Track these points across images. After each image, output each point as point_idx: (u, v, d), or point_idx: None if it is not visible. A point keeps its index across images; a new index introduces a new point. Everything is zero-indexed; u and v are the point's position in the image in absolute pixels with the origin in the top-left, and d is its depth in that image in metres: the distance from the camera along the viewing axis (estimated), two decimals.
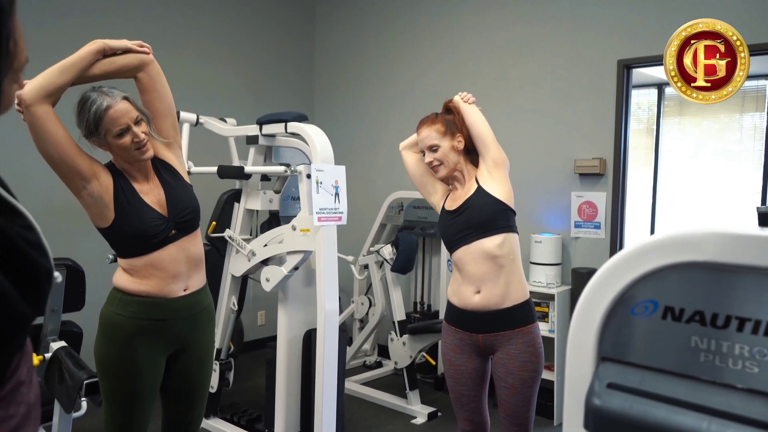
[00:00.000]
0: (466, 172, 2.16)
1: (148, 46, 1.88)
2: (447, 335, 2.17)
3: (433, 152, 2.14)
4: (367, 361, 4.55)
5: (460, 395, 2.15)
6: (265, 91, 4.88)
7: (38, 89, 1.67)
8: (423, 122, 2.20)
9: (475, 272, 2.04)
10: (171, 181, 1.94)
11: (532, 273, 3.67)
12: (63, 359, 2.29)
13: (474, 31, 4.24)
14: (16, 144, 3.53)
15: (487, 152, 2.11)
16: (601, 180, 3.66)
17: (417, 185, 2.32)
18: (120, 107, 1.78)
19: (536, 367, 2.06)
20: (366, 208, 4.69)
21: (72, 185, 1.80)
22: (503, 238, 2.04)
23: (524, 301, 2.07)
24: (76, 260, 2.61)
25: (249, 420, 3.31)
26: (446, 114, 2.19)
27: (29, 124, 1.68)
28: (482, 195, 2.07)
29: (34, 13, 3.60)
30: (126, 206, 1.83)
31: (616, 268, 0.79)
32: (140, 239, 1.83)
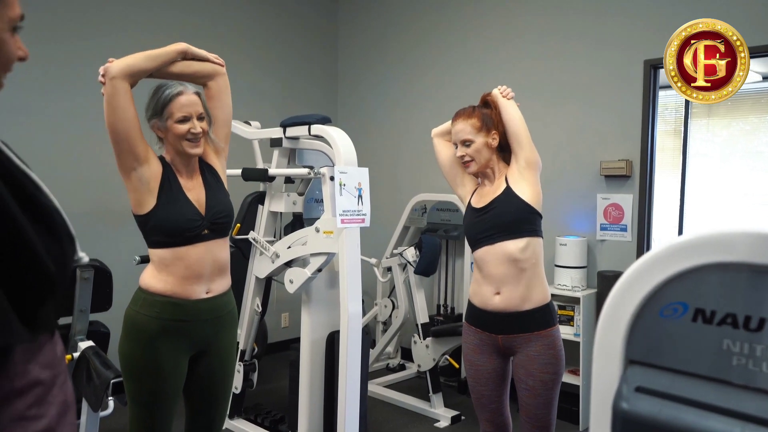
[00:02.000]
0: (496, 170, 2.13)
1: (222, 61, 2.03)
2: (467, 335, 2.16)
3: (465, 147, 2.10)
4: (390, 364, 4.54)
5: (480, 395, 2.14)
6: (289, 94, 4.91)
7: (124, 67, 1.80)
8: (459, 115, 2.14)
9: (495, 273, 2.03)
10: (213, 184, 1.99)
11: (557, 276, 3.63)
12: (91, 359, 2.33)
13: (499, 32, 4.22)
14: (47, 151, 3.61)
15: (521, 151, 2.07)
16: (627, 182, 3.61)
17: (445, 175, 2.29)
18: (190, 98, 1.89)
19: (556, 370, 2.03)
20: (389, 210, 4.68)
21: (125, 164, 1.84)
22: (527, 242, 2.02)
23: (545, 304, 2.04)
24: (104, 262, 2.65)
25: (272, 421, 3.33)
26: (483, 108, 2.14)
27: (107, 95, 1.78)
28: (510, 196, 2.04)
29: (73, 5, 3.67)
30: (168, 196, 1.88)
31: (644, 269, 0.78)
32: (174, 231, 1.86)
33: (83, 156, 3.76)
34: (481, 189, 2.17)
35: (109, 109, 1.79)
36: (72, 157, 3.71)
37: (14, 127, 3.46)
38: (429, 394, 3.69)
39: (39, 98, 3.58)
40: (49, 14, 3.61)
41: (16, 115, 3.46)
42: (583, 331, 3.44)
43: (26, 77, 3.51)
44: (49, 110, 3.62)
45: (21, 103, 3.48)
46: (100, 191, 3.82)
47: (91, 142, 3.79)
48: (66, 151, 3.70)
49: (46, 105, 3.61)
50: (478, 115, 2.10)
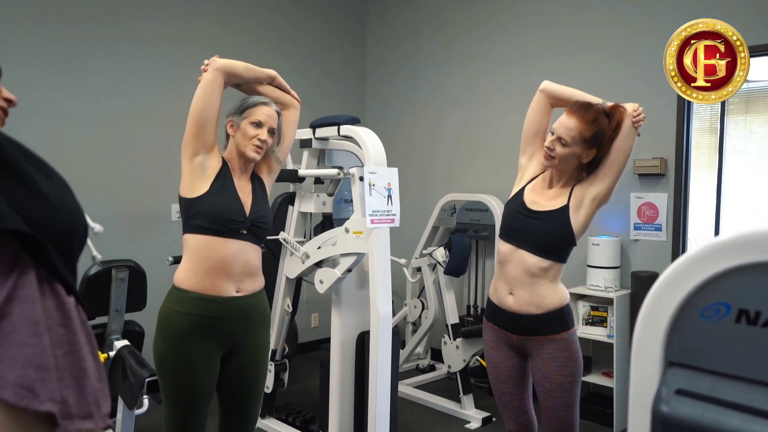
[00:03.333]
0: (566, 177, 2.02)
1: (299, 99, 2.28)
2: (486, 332, 2.16)
3: (558, 143, 1.93)
4: (420, 365, 4.53)
5: (501, 393, 2.13)
6: (318, 95, 4.93)
7: (227, 64, 2.01)
8: (577, 111, 1.93)
9: (511, 273, 2.02)
10: (260, 194, 2.09)
11: (590, 276, 3.57)
12: (126, 358, 2.37)
13: (529, 29, 4.18)
14: (83, 155, 3.69)
15: (603, 182, 1.96)
16: (662, 180, 3.53)
17: (523, 137, 2.15)
18: (271, 111, 2.05)
19: (573, 372, 2.00)
20: (418, 210, 4.67)
21: (192, 147, 1.95)
22: (550, 265, 1.99)
23: (559, 308, 2.00)
24: (138, 262, 2.70)
25: (303, 421, 3.35)
26: (604, 117, 1.93)
27: (207, 81, 1.96)
28: (562, 219, 1.97)
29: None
30: (221, 187, 1.97)
31: (684, 268, 0.76)
32: (218, 219, 1.91)
33: (118, 160, 3.84)
34: (542, 185, 2.06)
35: (202, 93, 1.95)
36: (107, 162, 3.79)
37: (51, 131, 3.54)
38: (459, 395, 3.67)
39: (75, 102, 3.66)
40: (91, 20, 3.69)
41: (52, 119, 3.55)
42: (617, 332, 3.38)
43: (61, 81, 3.60)
44: (85, 114, 3.70)
45: (56, 108, 3.57)
46: (134, 194, 3.89)
47: (125, 147, 3.87)
48: (101, 155, 3.77)
49: (83, 109, 3.69)
50: (595, 127, 1.90)
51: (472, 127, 4.53)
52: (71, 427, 0.76)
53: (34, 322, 0.73)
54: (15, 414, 0.68)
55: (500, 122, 4.33)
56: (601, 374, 3.59)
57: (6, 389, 0.67)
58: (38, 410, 0.69)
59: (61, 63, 3.59)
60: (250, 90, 2.14)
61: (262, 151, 2.03)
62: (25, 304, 0.73)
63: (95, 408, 0.80)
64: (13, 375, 0.68)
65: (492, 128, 4.40)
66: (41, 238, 0.74)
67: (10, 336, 0.70)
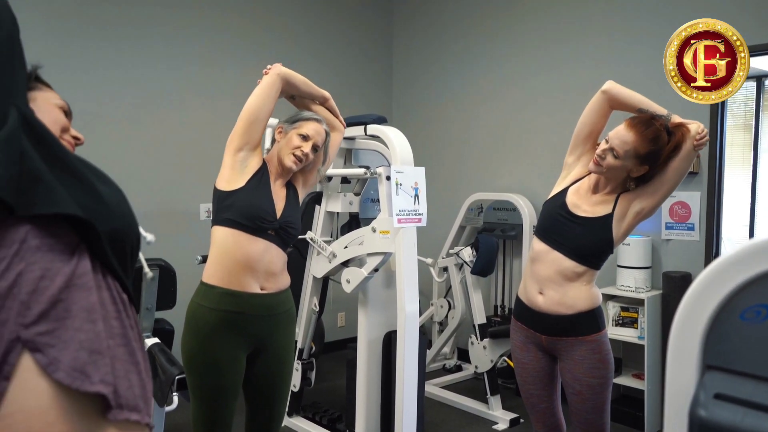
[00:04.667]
0: (611, 187, 1.96)
1: (345, 124, 2.39)
2: (514, 331, 2.13)
3: (610, 154, 1.85)
4: (447, 365, 4.51)
5: (529, 395, 2.11)
6: (344, 95, 4.93)
7: (288, 73, 2.10)
8: (638, 126, 1.83)
9: (543, 273, 1.99)
10: (293, 201, 2.14)
11: (620, 277, 3.52)
12: (157, 355, 2.40)
13: (560, 28, 4.13)
14: (113, 156, 3.75)
15: (652, 200, 1.91)
16: (694, 179, 3.46)
17: (575, 135, 2.06)
18: (320, 129, 2.13)
19: (604, 374, 1.97)
20: (445, 209, 4.65)
21: (238, 142, 2.02)
22: (585, 270, 1.96)
23: (590, 309, 1.97)
24: (168, 261, 2.73)
25: (330, 420, 3.36)
26: (665, 135, 1.84)
27: (267, 83, 2.04)
28: (604, 228, 1.93)
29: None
30: (257, 185, 2.02)
31: (722, 270, 0.74)
32: (249, 214, 1.94)
33: (148, 160, 3.90)
34: (587, 189, 2.00)
35: (261, 93, 2.03)
36: (137, 162, 3.85)
37: (81, 129, 3.61)
38: (487, 395, 3.65)
39: (105, 103, 3.72)
40: (122, 21, 3.75)
41: (82, 120, 3.61)
42: (648, 333, 3.32)
43: (91, 82, 3.66)
44: (115, 115, 3.77)
45: (86, 109, 3.63)
46: (164, 194, 3.95)
47: (155, 147, 3.93)
48: (131, 155, 3.83)
49: (113, 110, 3.75)
50: (653, 146, 1.82)
51: (499, 126, 4.50)
52: (120, 416, 0.78)
53: (89, 309, 0.75)
54: (68, 395, 0.70)
55: (529, 121, 4.28)
56: (631, 376, 3.53)
57: (60, 371, 0.69)
58: (89, 391, 0.70)
59: (91, 65, 3.66)
60: (302, 105, 2.24)
61: (301, 164, 2.09)
62: (81, 291, 0.74)
63: (142, 402, 0.82)
64: (67, 358, 0.70)
65: (520, 128, 4.36)
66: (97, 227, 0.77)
67: (65, 321, 0.72)
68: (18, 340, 0.70)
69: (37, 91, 0.84)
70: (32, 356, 0.70)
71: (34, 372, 0.69)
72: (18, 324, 0.70)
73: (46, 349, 0.71)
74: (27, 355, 0.70)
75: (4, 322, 0.70)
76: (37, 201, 0.71)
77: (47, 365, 0.70)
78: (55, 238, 0.76)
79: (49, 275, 0.74)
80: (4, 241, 0.72)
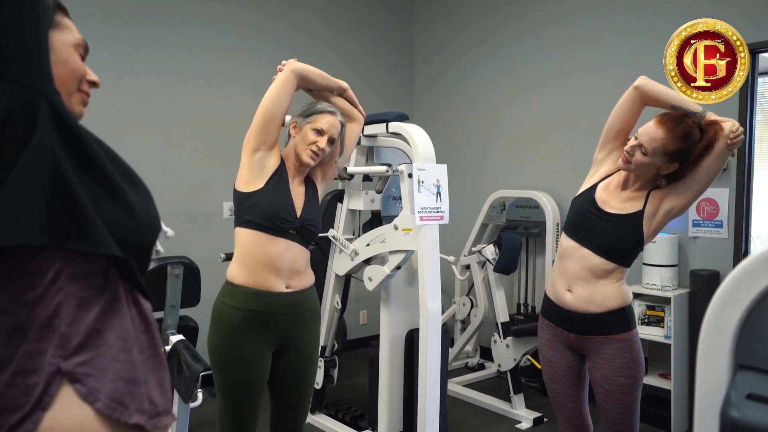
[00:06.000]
0: (641, 183, 1.92)
1: (364, 114, 2.32)
2: (542, 329, 2.10)
3: (639, 151, 1.82)
4: (470, 363, 4.49)
5: (556, 394, 2.08)
6: (366, 92, 4.92)
7: (303, 68, 2.05)
8: (667, 123, 1.80)
9: (571, 270, 1.96)
10: (312, 198, 2.13)
11: (646, 275, 3.47)
12: (181, 352, 2.42)
13: (582, 21, 4.08)
14: (137, 154, 3.80)
15: (683, 199, 1.87)
16: (722, 175, 3.38)
17: (606, 131, 2.01)
18: (335, 122, 2.08)
19: (634, 373, 1.93)
20: (467, 207, 4.63)
21: (254, 143, 2.00)
22: (614, 268, 1.93)
23: (620, 308, 1.94)
24: (192, 259, 2.76)
25: (353, 417, 3.36)
26: (697, 133, 1.80)
27: (281, 80, 2.00)
28: (635, 225, 1.90)
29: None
30: (276, 185, 2.01)
31: (756, 267, 0.72)
32: (269, 215, 1.95)
33: (171, 159, 3.94)
34: (616, 185, 1.97)
35: (275, 91, 1.99)
36: (161, 161, 3.89)
37: (104, 129, 3.66)
38: (510, 394, 3.62)
39: (128, 102, 3.77)
40: (140, 21, 3.79)
41: (106, 119, 3.67)
42: (674, 332, 3.27)
43: (113, 81, 3.71)
44: (139, 113, 3.81)
45: (111, 105, 3.68)
46: (187, 192, 3.99)
47: (178, 145, 3.97)
48: (155, 154, 3.88)
49: (136, 108, 3.80)
50: (683, 142, 1.78)
51: (522, 123, 4.46)
52: (160, 424, 0.82)
53: (123, 338, 0.79)
54: (108, 423, 0.75)
55: (552, 118, 4.24)
56: (657, 376, 3.48)
57: (100, 401, 0.74)
58: (128, 422, 0.76)
59: (115, 64, 3.70)
60: (320, 96, 2.19)
61: (318, 159, 2.06)
62: (115, 319, 0.79)
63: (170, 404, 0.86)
64: (106, 389, 0.75)
65: (544, 124, 4.31)
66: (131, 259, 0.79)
67: (101, 349, 0.76)
68: (59, 372, 0.73)
69: (54, 30, 0.81)
70: (72, 386, 0.73)
71: (75, 401, 0.73)
72: (58, 356, 0.73)
73: (85, 379, 0.74)
74: (67, 385, 0.73)
75: (43, 352, 0.73)
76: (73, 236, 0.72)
77: (87, 395, 0.74)
78: (88, 263, 0.78)
79: (85, 304, 0.77)
80: (39, 267, 0.73)
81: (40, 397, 0.71)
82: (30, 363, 0.71)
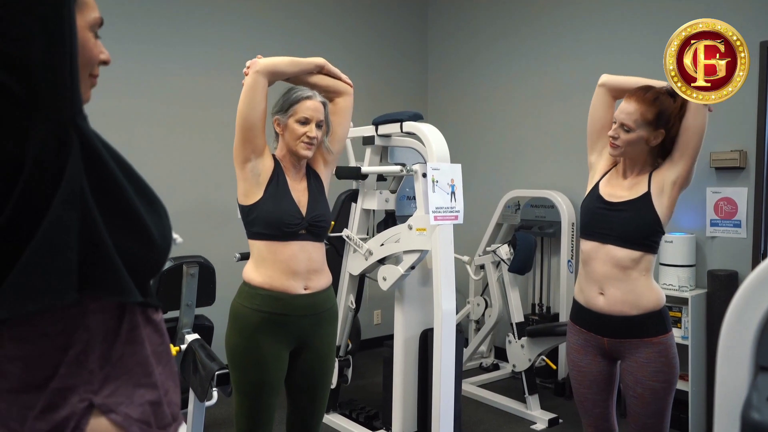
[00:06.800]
0: (640, 165, 1.94)
1: (351, 83, 2.15)
2: (571, 335, 2.06)
3: (622, 130, 1.88)
4: (484, 363, 4.48)
5: (584, 399, 2.04)
6: (380, 93, 4.94)
7: (269, 64, 1.93)
8: (635, 94, 1.89)
9: (599, 271, 1.93)
10: (316, 190, 2.08)
11: (662, 275, 3.43)
12: (197, 351, 2.44)
13: (598, 19, 4.04)
14: (152, 155, 3.83)
15: (681, 166, 1.87)
16: (741, 174, 3.35)
17: (589, 134, 2.09)
18: (316, 104, 1.99)
19: (669, 378, 1.89)
20: (482, 207, 4.61)
21: (243, 154, 1.96)
22: (641, 255, 1.89)
23: (656, 310, 1.90)
24: (207, 258, 2.77)
25: (367, 417, 3.36)
26: (669, 97, 1.87)
27: (248, 85, 1.91)
28: (646, 206, 1.88)
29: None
30: (275, 190, 1.97)
31: None
32: (274, 224, 1.93)
33: (185, 158, 3.96)
34: (617, 177, 1.99)
35: (245, 99, 1.92)
36: (175, 160, 3.92)
37: (121, 128, 3.69)
38: (525, 395, 3.60)
39: (145, 103, 3.80)
40: (159, 22, 3.82)
41: (121, 115, 3.70)
42: (692, 334, 3.23)
43: (129, 82, 3.74)
44: (154, 112, 3.84)
45: (126, 105, 3.71)
46: (202, 191, 4.01)
47: (193, 145, 3.99)
48: (170, 154, 3.90)
49: (153, 109, 3.83)
50: (657, 107, 1.85)
51: (536, 121, 4.44)
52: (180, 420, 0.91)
53: (144, 363, 0.86)
54: None
55: (566, 117, 4.21)
56: None
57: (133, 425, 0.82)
58: None
59: (130, 63, 3.73)
60: (299, 81, 2.06)
61: (314, 148, 2.00)
62: (135, 346, 0.85)
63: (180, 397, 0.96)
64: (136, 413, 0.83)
65: (557, 123, 4.29)
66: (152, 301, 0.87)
67: (124, 378, 0.83)
68: (91, 406, 0.80)
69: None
70: (106, 417, 0.81)
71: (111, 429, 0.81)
72: (89, 391, 0.80)
73: (118, 408, 0.81)
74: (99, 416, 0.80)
75: (74, 388, 0.78)
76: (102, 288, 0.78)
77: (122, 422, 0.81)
78: None
79: (109, 338, 0.82)
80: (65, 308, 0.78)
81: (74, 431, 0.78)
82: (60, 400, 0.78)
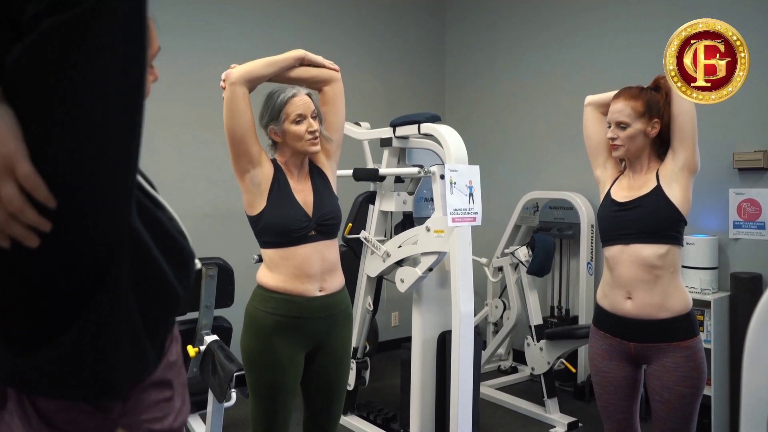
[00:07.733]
0: (646, 162, 1.96)
1: (337, 67, 2.08)
2: (595, 340, 2.03)
3: (619, 129, 1.93)
4: (502, 366, 4.45)
5: (607, 404, 2.01)
6: (398, 94, 4.94)
7: (243, 73, 1.88)
8: (622, 93, 1.96)
9: (626, 275, 1.89)
10: (321, 187, 2.04)
11: (685, 278, 3.38)
12: (215, 352, 2.45)
13: (616, 20, 4.00)
14: (171, 157, 3.86)
15: (682, 151, 1.87)
16: (765, 175, 3.29)
17: (588, 150, 2.13)
18: (303, 98, 1.95)
19: (697, 383, 1.85)
20: (499, 208, 4.59)
21: (240, 166, 1.93)
22: (667, 249, 1.86)
23: (685, 313, 1.87)
24: (226, 260, 2.79)
25: (384, 419, 3.36)
26: (653, 91, 1.95)
27: (227, 99, 1.87)
28: (659, 198, 1.87)
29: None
30: (278, 198, 1.94)
31: None
32: (282, 232, 1.92)
33: (204, 160, 3.99)
34: (625, 179, 2.00)
35: (228, 112, 1.88)
36: (193, 162, 3.95)
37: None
38: (543, 398, 3.57)
39: (162, 106, 3.83)
40: (176, 25, 3.86)
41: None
42: (714, 337, 3.18)
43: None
44: (170, 115, 3.87)
45: (146, 108, 3.75)
46: (220, 193, 4.04)
47: (211, 146, 4.02)
48: (188, 156, 3.94)
49: (171, 109, 3.86)
50: (644, 98, 1.91)
51: (555, 123, 4.40)
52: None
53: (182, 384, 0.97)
54: None
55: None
56: None
57: None
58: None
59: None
60: (282, 79, 2.01)
61: (319, 141, 1.97)
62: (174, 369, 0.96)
63: None
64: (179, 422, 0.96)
65: (577, 124, 4.23)
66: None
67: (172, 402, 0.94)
68: None
69: None
70: None
71: None
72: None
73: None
74: None
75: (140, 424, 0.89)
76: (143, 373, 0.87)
77: None
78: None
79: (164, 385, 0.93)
80: None
81: None
82: None
